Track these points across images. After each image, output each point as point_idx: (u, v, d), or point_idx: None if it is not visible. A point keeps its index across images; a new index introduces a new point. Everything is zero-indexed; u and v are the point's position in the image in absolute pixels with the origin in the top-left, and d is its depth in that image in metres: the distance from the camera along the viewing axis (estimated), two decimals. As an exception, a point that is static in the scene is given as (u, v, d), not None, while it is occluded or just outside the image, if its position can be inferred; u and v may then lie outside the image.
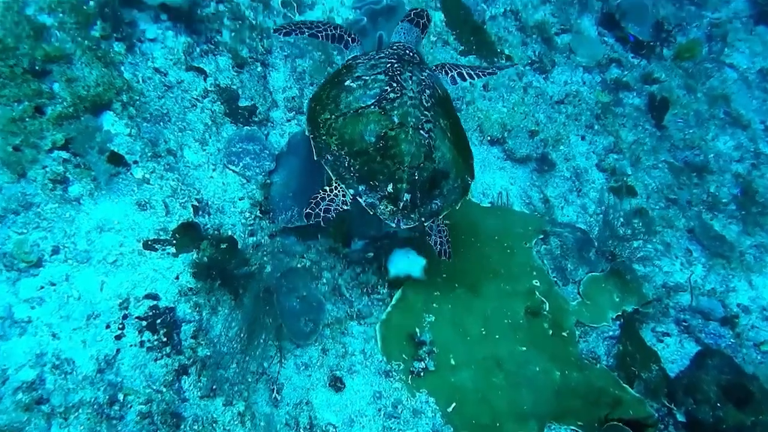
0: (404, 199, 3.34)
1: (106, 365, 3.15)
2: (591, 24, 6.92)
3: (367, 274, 4.44)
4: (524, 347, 4.17)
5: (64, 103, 3.69)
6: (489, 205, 5.30)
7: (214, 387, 3.42)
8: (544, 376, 4.06)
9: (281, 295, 3.84)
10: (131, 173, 3.84)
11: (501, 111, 5.92)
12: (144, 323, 3.36)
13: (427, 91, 3.56)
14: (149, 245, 3.66)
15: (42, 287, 3.22)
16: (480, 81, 5.94)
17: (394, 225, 3.38)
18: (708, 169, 6.18)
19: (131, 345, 3.27)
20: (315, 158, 3.45)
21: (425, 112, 3.46)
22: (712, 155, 6.34)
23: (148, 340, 3.32)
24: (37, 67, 3.67)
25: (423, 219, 3.48)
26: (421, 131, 3.38)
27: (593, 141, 6.08)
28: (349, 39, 4.11)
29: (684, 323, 4.96)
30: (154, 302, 3.47)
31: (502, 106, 5.96)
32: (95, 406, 3.03)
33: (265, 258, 3.96)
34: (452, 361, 4.03)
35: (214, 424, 3.35)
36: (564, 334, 4.45)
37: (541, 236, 4.98)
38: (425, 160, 3.36)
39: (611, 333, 4.65)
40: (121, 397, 3.14)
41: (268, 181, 4.43)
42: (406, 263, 4.47)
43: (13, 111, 3.51)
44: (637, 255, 4.83)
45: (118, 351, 3.22)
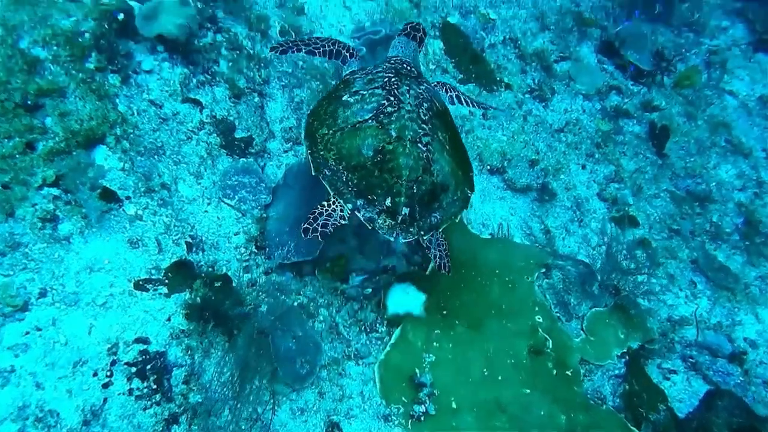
0: (403, 212, 3.29)
1: (93, 416, 3.01)
2: (590, 51, 6.91)
3: (366, 311, 4.32)
4: (528, 389, 4.03)
5: (56, 138, 3.61)
6: (489, 236, 5.20)
7: (206, 436, 3.28)
8: (549, 420, 3.93)
9: (276, 336, 3.71)
10: (123, 209, 3.74)
11: (501, 140, 5.86)
12: (133, 369, 3.22)
13: (425, 105, 3.53)
14: (140, 285, 3.55)
15: (27, 333, 3.09)
16: (479, 110, 5.89)
17: (392, 239, 3.34)
18: (710, 198, 6.11)
19: (119, 393, 3.13)
20: (312, 173, 3.43)
21: (423, 126, 3.42)
22: (714, 184, 6.27)
23: (137, 388, 3.19)
24: (29, 102, 3.60)
25: (422, 232, 3.41)
26: (419, 144, 3.34)
27: (594, 170, 6.02)
28: (347, 54, 4.09)
29: (690, 359, 4.84)
30: (145, 346, 3.34)
31: (501, 134, 5.90)
32: (79, 461, 2.89)
33: (261, 296, 3.86)
34: (453, 405, 3.89)
35: (205, 476, 3.21)
36: (568, 373, 4.32)
37: (543, 270, 4.87)
38: (423, 173, 3.32)
39: (617, 371, 4.52)
40: (107, 449, 3.00)
41: (264, 215, 4.33)
42: (406, 299, 4.37)
43: (3, 147, 3.43)
44: (642, 289, 4.72)
45: (105, 400, 3.08)
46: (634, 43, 6.89)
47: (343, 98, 3.53)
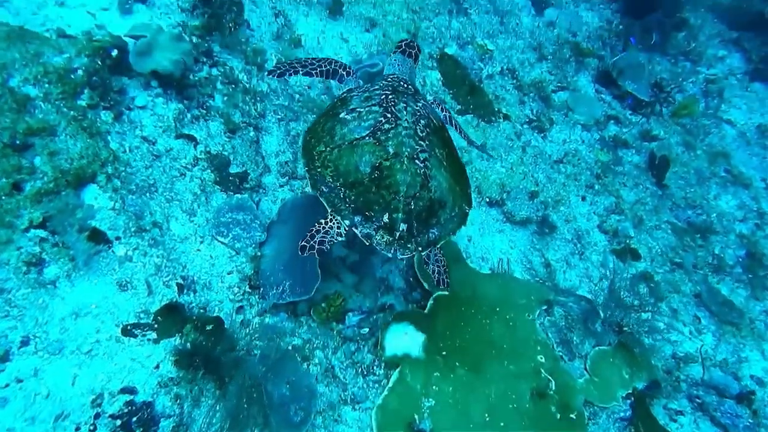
0: (400, 228, 3.25)
1: (74, 475, 2.85)
2: (588, 81, 6.91)
3: (363, 352, 4.18)
4: (531, 436, 3.89)
5: (45, 178, 3.51)
6: (489, 271, 5.10)
7: (194, 492, 3.12)
8: (553, 468, 3.77)
9: (269, 382, 3.57)
10: (113, 251, 3.63)
11: (499, 171, 5.81)
12: (118, 422, 3.07)
13: (422, 121, 3.52)
14: (128, 331, 3.41)
15: (7, 385, 2.95)
16: (477, 142, 5.84)
17: (390, 255, 3.28)
18: (711, 229, 6.04)
19: (103, 449, 2.98)
20: (310, 190, 3.43)
21: (420, 142, 3.40)
22: (714, 215, 6.22)
23: (122, 443, 3.04)
24: (17, 141, 3.51)
25: (420, 248, 3.37)
26: (417, 161, 3.32)
27: (594, 201, 5.95)
28: (344, 73, 4.12)
29: (697, 399, 4.69)
30: (131, 396, 3.20)
31: (500, 166, 5.85)
32: None
33: (254, 341, 3.72)
34: (454, 453, 3.74)
35: None
36: (572, 416, 4.17)
37: (545, 307, 4.76)
38: (421, 189, 3.29)
39: (622, 414, 4.37)
40: None
41: (259, 253, 4.22)
42: (404, 340, 4.23)
43: (-11, 189, 3.32)
44: (645, 327, 4.60)
45: (87, 457, 2.93)
46: (631, 73, 6.91)
47: (341, 115, 3.53)
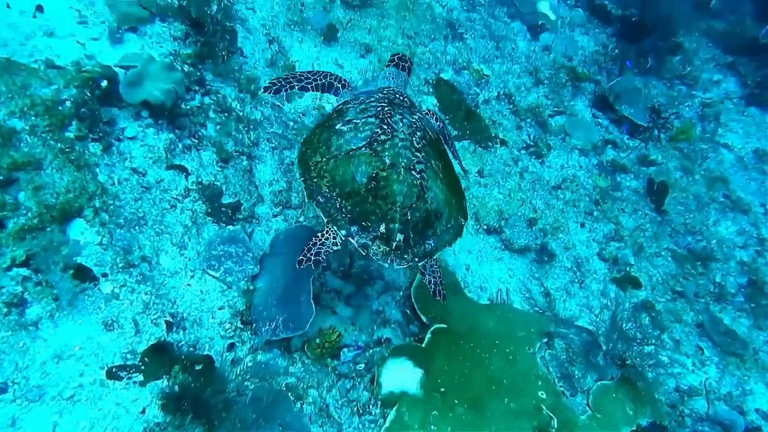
0: (397, 239, 3.23)
1: None
2: (585, 106, 6.89)
3: (358, 390, 4.04)
4: (533, 480, 3.74)
5: (29, 214, 3.39)
6: (488, 302, 4.99)
7: None
8: None
9: (260, 428, 3.42)
10: (99, 288, 3.50)
11: (497, 198, 5.73)
12: (100, 474, 2.92)
13: (418, 133, 3.52)
14: (113, 373, 3.27)
15: (-18, 436, 2.80)
16: (474, 168, 5.78)
17: (387, 265, 3.27)
18: (712, 256, 5.96)
19: (83, 505, 2.82)
20: (306, 200, 3.43)
21: (417, 153, 3.40)
22: (714, 241, 6.15)
23: (104, 497, 2.88)
24: (1, 177, 3.40)
25: (416, 259, 3.35)
26: (413, 172, 3.31)
27: (593, 228, 5.87)
28: (340, 86, 4.14)
29: (703, 436, 4.57)
30: (115, 445, 3.04)
31: (498, 192, 5.77)
32: None
33: (245, 381, 3.58)
34: (453, 499, 3.59)
35: None
36: (575, 456, 4.04)
37: (545, 339, 4.64)
38: (417, 200, 3.28)
39: (626, 452, 4.24)
40: None
41: (251, 287, 4.09)
42: (401, 376, 4.10)
43: (-30, 227, 3.20)
44: (649, 361, 4.49)
45: None
46: (628, 98, 6.89)
47: (336, 127, 3.51)
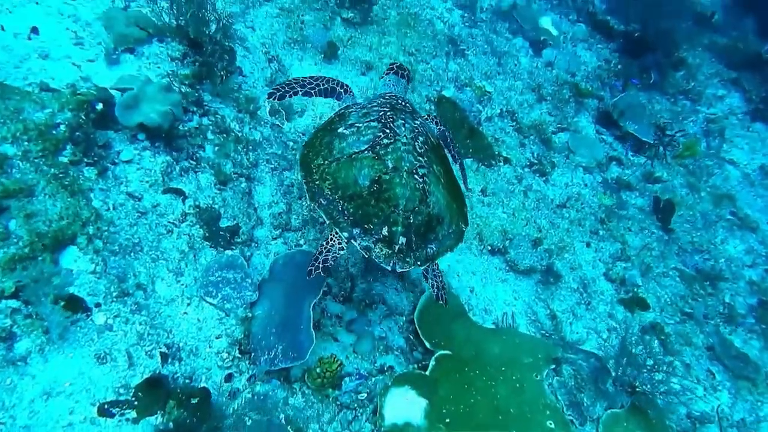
0: (399, 242, 3.23)
1: None
2: (588, 122, 6.80)
3: (360, 421, 3.90)
4: None
5: (20, 243, 3.28)
6: (493, 326, 4.86)
7: None
8: None
9: (259, 466, 3.28)
10: (92, 319, 3.38)
11: (501, 217, 5.62)
12: None
13: (421, 138, 3.54)
14: (105, 410, 3.14)
15: (-35, 482, 2.66)
16: (477, 187, 5.68)
17: (389, 268, 3.25)
18: (720, 276, 5.84)
19: None
20: (308, 202, 3.43)
21: (419, 158, 3.41)
22: (722, 260, 6.03)
23: None
24: (-9, 204, 3.29)
25: (418, 263, 3.33)
26: (416, 176, 3.32)
27: (599, 248, 5.75)
28: (342, 91, 4.19)
29: (716, 466, 4.42)
30: (105, 488, 2.90)
31: (501, 212, 5.66)
32: None
33: (244, 416, 3.44)
34: None
35: None
36: (586, 490, 3.89)
37: (553, 366, 4.50)
38: (420, 204, 3.28)
39: (638, 485, 4.09)
40: None
41: (250, 314, 3.97)
42: (405, 406, 3.97)
43: (-43, 258, 3.09)
44: (660, 389, 4.35)
45: None
46: (632, 114, 6.81)
47: (339, 130, 3.52)
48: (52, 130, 3.66)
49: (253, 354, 3.84)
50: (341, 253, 3.35)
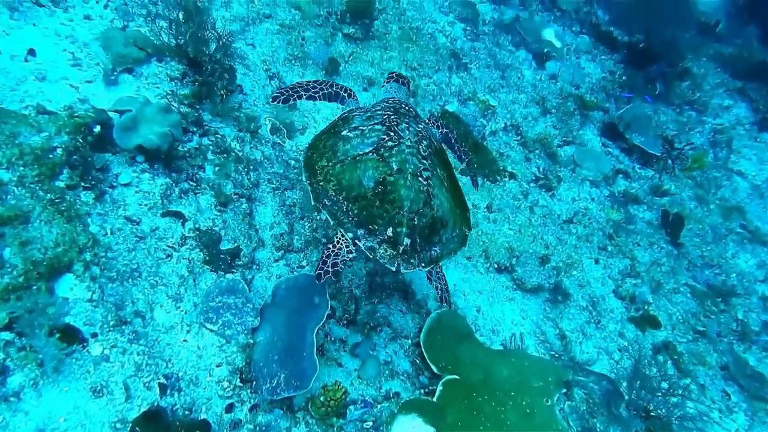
0: (404, 243, 3.25)
1: None
2: (594, 135, 6.71)
3: (366, 452, 3.77)
4: None
5: (14, 272, 3.18)
6: (501, 347, 4.74)
7: None
8: None
9: (262, 503, 3.16)
10: (88, 350, 3.27)
11: (507, 234, 5.51)
12: None
13: (424, 142, 3.56)
14: (101, 447, 3.02)
15: None
16: (483, 203, 5.57)
17: (393, 269, 3.25)
18: (733, 292, 5.71)
19: None
20: (312, 203, 3.41)
21: (423, 161, 3.43)
22: (734, 275, 5.90)
23: None
24: (-15, 233, 3.20)
25: (423, 265, 3.34)
26: (420, 178, 3.34)
27: (608, 264, 5.63)
28: (345, 95, 4.21)
29: (735, 493, 4.27)
30: None
31: (508, 228, 5.55)
32: None
33: (244, 449, 3.32)
34: None
35: None
36: None
37: (564, 390, 4.37)
38: (424, 206, 3.31)
39: None
40: None
41: (251, 340, 3.85)
42: (412, 435, 3.83)
43: (-52, 290, 2.99)
44: (676, 413, 4.21)
45: None
46: (638, 126, 6.71)
47: (343, 133, 3.53)
48: (49, 154, 3.58)
49: (254, 382, 3.71)
50: (351, 256, 3.34)
